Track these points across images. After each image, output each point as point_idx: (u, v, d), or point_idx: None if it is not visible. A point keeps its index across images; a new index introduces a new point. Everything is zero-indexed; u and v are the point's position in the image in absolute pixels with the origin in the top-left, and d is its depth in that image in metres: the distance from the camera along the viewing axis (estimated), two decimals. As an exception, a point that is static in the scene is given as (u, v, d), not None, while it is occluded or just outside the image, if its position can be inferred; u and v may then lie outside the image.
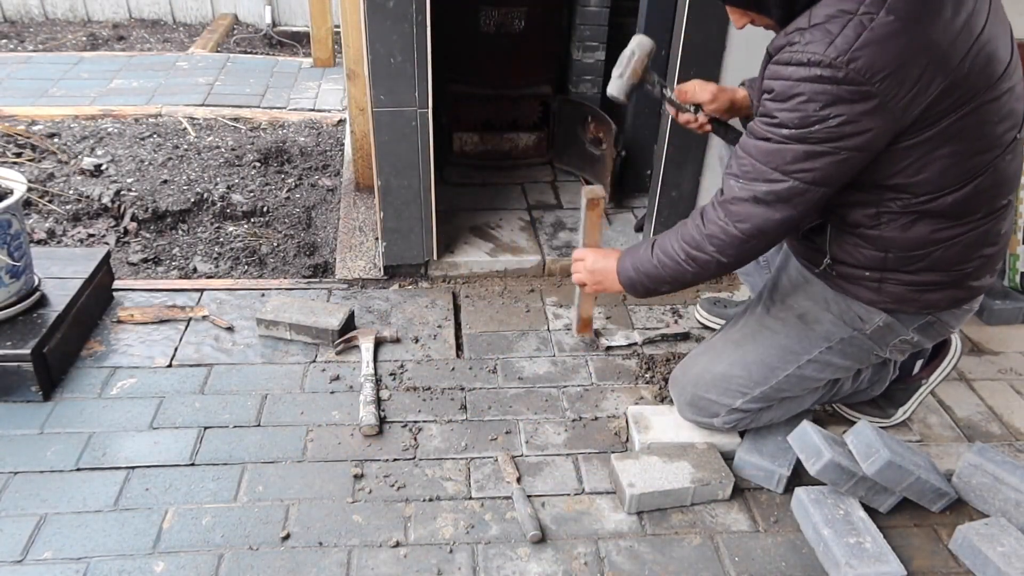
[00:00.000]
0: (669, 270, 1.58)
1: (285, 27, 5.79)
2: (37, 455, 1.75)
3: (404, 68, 2.11)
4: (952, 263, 1.51)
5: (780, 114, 1.34)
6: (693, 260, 1.54)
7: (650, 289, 1.66)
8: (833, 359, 1.69)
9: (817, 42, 1.28)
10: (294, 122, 3.92)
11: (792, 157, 1.35)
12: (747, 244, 1.47)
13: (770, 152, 1.38)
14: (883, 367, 1.85)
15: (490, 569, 1.54)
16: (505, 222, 2.75)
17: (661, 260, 1.59)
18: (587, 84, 3.11)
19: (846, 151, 1.33)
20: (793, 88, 1.31)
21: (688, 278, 1.58)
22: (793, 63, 1.31)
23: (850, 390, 1.85)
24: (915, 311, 1.60)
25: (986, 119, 1.37)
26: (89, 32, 5.43)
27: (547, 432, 1.89)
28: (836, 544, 1.54)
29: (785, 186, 1.38)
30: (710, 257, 1.51)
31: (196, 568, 1.51)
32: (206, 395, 1.95)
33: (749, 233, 1.45)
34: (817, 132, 1.31)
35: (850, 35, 1.26)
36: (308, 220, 3.03)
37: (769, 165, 1.38)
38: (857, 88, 1.27)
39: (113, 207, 2.96)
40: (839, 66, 1.25)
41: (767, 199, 1.41)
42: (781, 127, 1.35)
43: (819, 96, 1.29)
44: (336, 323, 2.13)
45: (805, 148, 1.34)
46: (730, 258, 1.50)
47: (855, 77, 1.26)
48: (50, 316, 1.95)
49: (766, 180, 1.39)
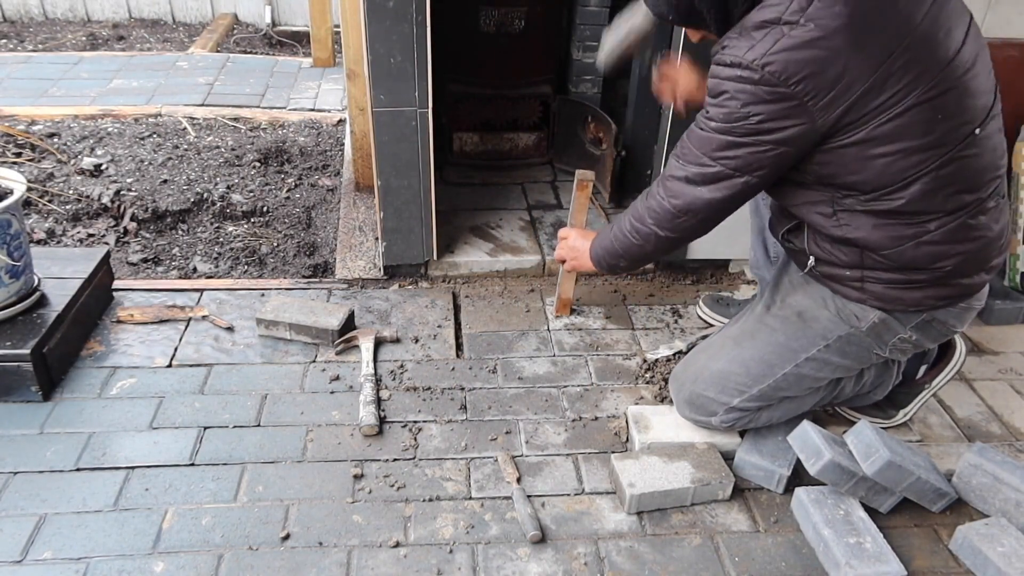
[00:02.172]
0: (620, 244, 1.76)
1: (285, 27, 5.79)
2: (37, 455, 1.75)
3: (404, 68, 2.10)
4: (927, 261, 1.51)
5: (711, 109, 1.48)
6: (637, 232, 1.69)
7: (611, 264, 1.84)
8: (832, 357, 1.69)
9: (741, 47, 1.39)
10: (294, 122, 3.92)
11: (718, 145, 1.48)
12: (679, 219, 1.60)
13: (702, 139, 1.51)
14: (886, 370, 1.85)
15: (490, 569, 1.54)
16: (505, 222, 2.75)
17: (615, 235, 1.77)
18: (587, 84, 3.11)
19: (767, 144, 1.43)
20: (720, 85, 1.44)
21: (634, 251, 1.74)
22: (722, 63, 1.43)
23: (852, 392, 1.84)
24: (905, 309, 1.60)
25: (927, 117, 1.37)
26: (89, 32, 5.43)
27: (547, 432, 1.89)
28: (836, 544, 1.54)
29: (712, 170, 1.51)
30: (650, 230, 1.66)
31: (196, 568, 1.51)
32: (206, 395, 1.95)
33: (680, 209, 1.59)
34: (739, 127, 1.43)
35: (768, 42, 1.36)
36: (308, 220, 3.03)
37: (701, 150, 1.52)
38: (773, 89, 1.37)
39: (113, 207, 2.96)
40: (755, 68, 1.36)
41: (696, 179, 1.54)
42: (711, 120, 1.48)
43: (740, 95, 1.40)
44: (336, 323, 2.13)
45: (729, 139, 1.46)
46: (667, 232, 1.64)
47: (770, 79, 1.36)
48: (50, 316, 1.95)
49: (697, 163, 1.53)
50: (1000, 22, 2.30)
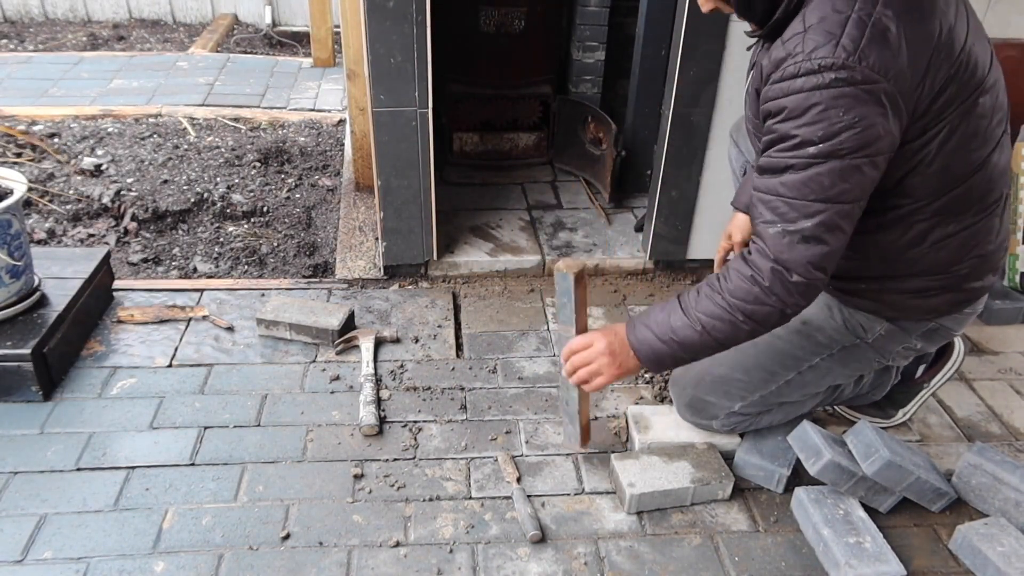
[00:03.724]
0: (719, 332, 1.40)
1: (285, 27, 5.79)
2: (37, 455, 1.75)
3: (404, 68, 2.11)
4: (945, 265, 1.49)
5: (800, 131, 1.25)
6: (751, 317, 1.37)
7: (680, 360, 1.48)
8: (834, 366, 1.68)
9: (822, 46, 1.22)
10: (294, 122, 3.92)
11: (829, 180, 1.25)
12: (811, 287, 1.34)
13: (802, 183, 1.27)
14: (885, 372, 1.85)
15: (490, 569, 1.54)
16: (505, 222, 2.75)
17: (707, 323, 1.40)
18: (587, 84, 3.11)
19: (874, 156, 1.26)
20: (808, 99, 1.23)
21: (741, 337, 1.42)
22: (802, 73, 1.23)
23: (851, 394, 1.85)
24: (917, 318, 1.59)
25: (982, 112, 1.36)
26: (89, 32, 5.43)
27: (547, 432, 1.89)
28: (836, 544, 1.54)
29: (830, 214, 1.28)
30: (772, 310, 1.36)
31: (196, 568, 1.51)
32: (206, 395, 1.96)
33: (809, 276, 1.32)
34: (845, 142, 1.23)
35: (855, 33, 1.21)
36: (308, 220, 3.03)
37: (807, 198, 1.27)
38: (873, 86, 1.21)
39: (113, 207, 2.96)
40: (852, 66, 1.20)
41: (816, 234, 1.29)
42: (805, 145, 1.25)
43: (838, 102, 1.21)
44: (336, 323, 2.13)
45: (839, 164, 1.24)
46: (793, 308, 1.37)
47: (870, 75, 1.20)
48: (50, 316, 1.95)
49: (807, 216, 1.28)
50: (999, 22, 2.30)
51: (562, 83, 3.20)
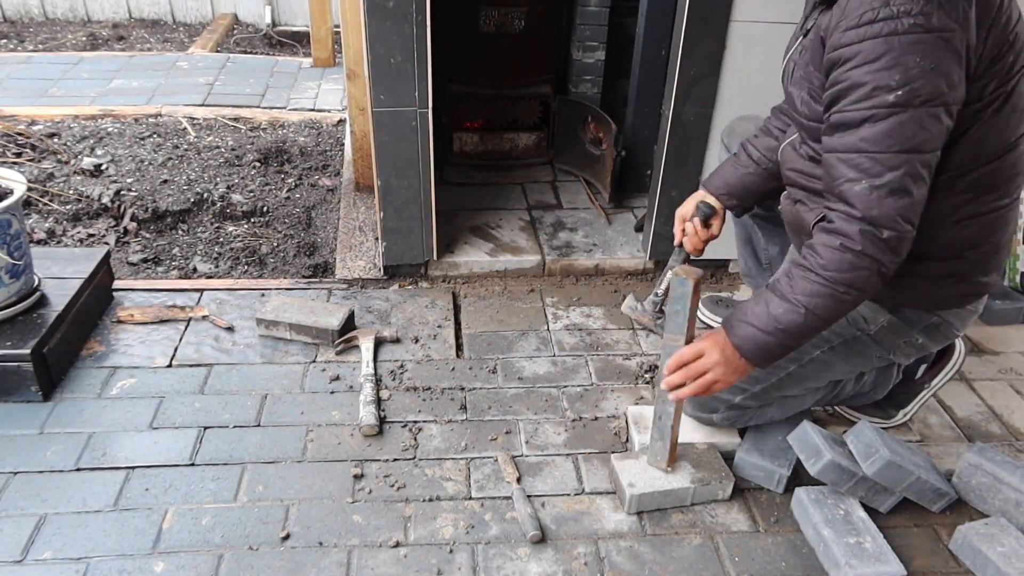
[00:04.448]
0: (824, 309, 1.37)
1: (285, 27, 5.79)
2: (37, 455, 1.75)
3: (404, 68, 2.11)
4: (963, 246, 1.49)
5: (872, 76, 1.25)
6: (852, 285, 1.35)
7: (787, 348, 1.44)
8: (835, 360, 1.68)
9: None
10: (294, 122, 3.92)
11: (910, 129, 1.26)
12: (903, 240, 1.33)
13: (883, 135, 1.27)
14: (887, 370, 1.85)
15: (490, 569, 1.54)
16: (505, 222, 2.75)
17: (810, 303, 1.37)
18: (587, 84, 3.11)
19: (950, 104, 1.27)
20: (885, 45, 1.24)
21: (845, 309, 1.40)
22: (880, 19, 1.24)
23: (852, 392, 1.84)
24: (922, 307, 1.59)
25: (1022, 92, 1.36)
26: (89, 32, 5.43)
27: (547, 432, 1.89)
28: (836, 544, 1.54)
29: (914, 163, 1.28)
30: (871, 273, 1.34)
31: (196, 568, 1.51)
32: (206, 395, 1.95)
33: (900, 230, 1.31)
34: (919, 89, 1.24)
35: None
36: (308, 220, 3.03)
37: (891, 150, 1.27)
38: (950, 34, 1.22)
39: (113, 207, 2.96)
40: (929, 13, 1.21)
41: (903, 186, 1.28)
42: (881, 92, 1.25)
43: (915, 47, 1.22)
44: (336, 323, 2.13)
45: (917, 113, 1.25)
46: (889, 264, 1.34)
47: (947, 23, 1.22)
48: (50, 316, 1.95)
49: (893, 168, 1.28)
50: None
51: (562, 83, 3.20)
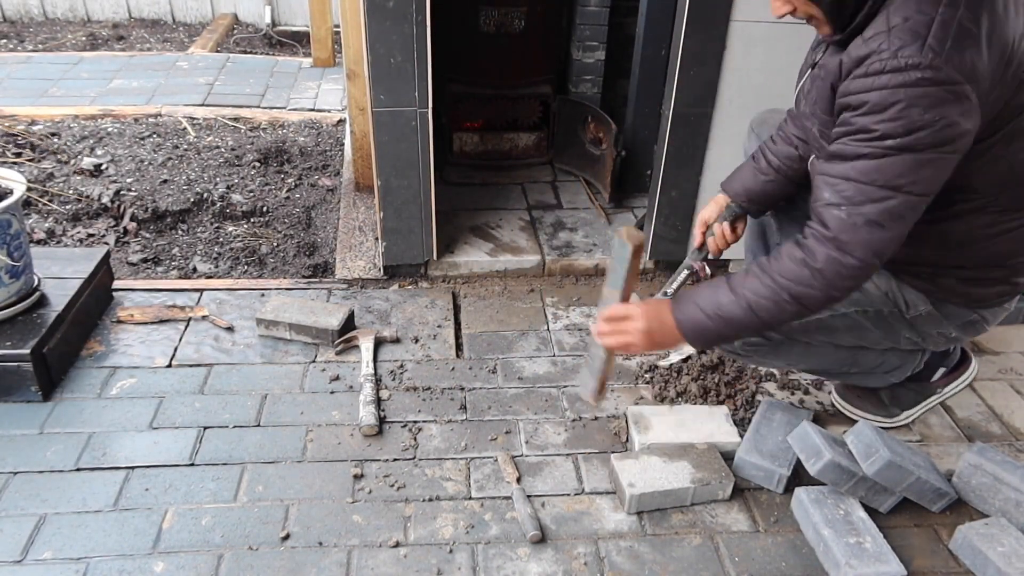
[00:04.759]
0: (765, 311, 1.43)
1: (285, 27, 5.79)
2: (37, 455, 1.75)
3: (404, 68, 2.11)
4: (1004, 256, 1.54)
5: (880, 126, 1.29)
6: (798, 299, 1.40)
7: (725, 337, 1.52)
8: (863, 323, 1.67)
9: (908, 45, 1.25)
10: (294, 122, 3.92)
11: (901, 169, 1.29)
12: (863, 272, 1.38)
13: (873, 169, 1.31)
14: (912, 355, 1.82)
15: (490, 569, 1.54)
16: (505, 222, 2.75)
17: (752, 302, 1.44)
18: (587, 84, 3.11)
19: (949, 154, 1.30)
20: (892, 96, 1.27)
21: (784, 319, 1.46)
22: (888, 70, 1.27)
23: (873, 365, 1.80)
24: (963, 304, 1.61)
25: None
26: (89, 32, 5.43)
27: (547, 432, 1.89)
28: (836, 544, 1.54)
29: (896, 202, 1.31)
30: (820, 293, 1.40)
31: (196, 568, 1.51)
32: (206, 395, 1.95)
33: (865, 260, 1.36)
34: (923, 138, 1.27)
35: (941, 34, 1.24)
36: (308, 220, 3.03)
37: (876, 184, 1.31)
38: (956, 87, 1.25)
39: (113, 207, 2.96)
40: (938, 67, 1.23)
41: (880, 220, 1.33)
42: (884, 138, 1.29)
43: (920, 100, 1.25)
44: (336, 323, 2.13)
45: (913, 157, 1.28)
46: (842, 291, 1.41)
47: (954, 76, 1.24)
48: (50, 316, 1.95)
49: (874, 200, 1.32)
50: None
51: (562, 83, 3.20)
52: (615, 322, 1.55)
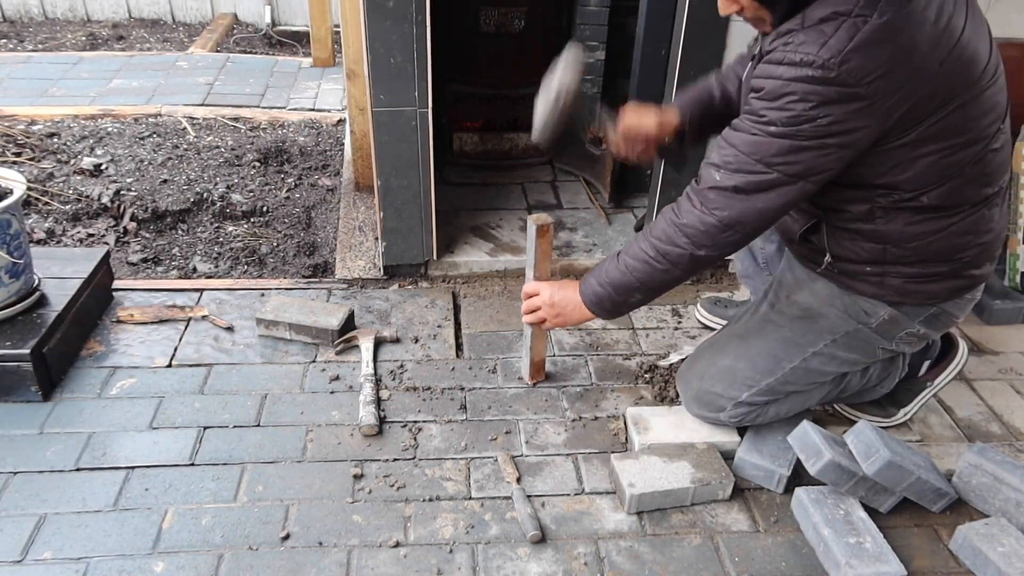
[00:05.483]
0: (638, 273, 1.55)
1: (285, 27, 5.79)
2: (37, 455, 1.75)
3: (404, 68, 2.10)
4: (948, 252, 1.53)
5: (769, 112, 1.35)
6: (664, 256, 1.51)
7: (618, 302, 1.62)
8: (838, 352, 1.69)
9: (811, 43, 1.29)
10: (294, 122, 3.92)
11: (777, 150, 1.36)
12: (723, 234, 1.46)
13: (756, 144, 1.38)
14: (892, 363, 1.85)
15: (490, 569, 1.54)
16: (505, 222, 2.75)
17: (628, 264, 1.55)
18: (587, 84, 3.11)
19: (831, 148, 1.35)
20: (784, 88, 1.32)
21: (658, 279, 1.55)
22: (785, 63, 1.32)
23: (858, 387, 1.84)
24: (919, 303, 1.61)
25: (969, 115, 1.39)
26: (89, 32, 5.43)
27: (547, 432, 1.89)
28: (836, 544, 1.54)
29: (767, 177, 1.39)
30: (683, 250, 1.49)
31: (196, 568, 1.51)
32: (206, 395, 1.95)
33: (727, 222, 1.44)
34: (806, 130, 1.33)
35: (843, 37, 1.27)
36: (308, 220, 3.03)
37: (753, 157, 1.39)
38: (847, 90, 1.28)
39: (113, 207, 2.96)
40: (831, 67, 1.27)
41: (747, 189, 1.41)
42: (769, 124, 1.36)
43: (810, 96, 1.30)
44: (336, 323, 2.13)
45: (791, 143, 1.35)
46: (705, 250, 1.48)
47: (846, 79, 1.27)
48: (50, 316, 1.95)
49: (749, 171, 1.40)
50: (1000, 22, 2.29)
51: (562, 83, 3.20)
52: (528, 299, 1.78)
